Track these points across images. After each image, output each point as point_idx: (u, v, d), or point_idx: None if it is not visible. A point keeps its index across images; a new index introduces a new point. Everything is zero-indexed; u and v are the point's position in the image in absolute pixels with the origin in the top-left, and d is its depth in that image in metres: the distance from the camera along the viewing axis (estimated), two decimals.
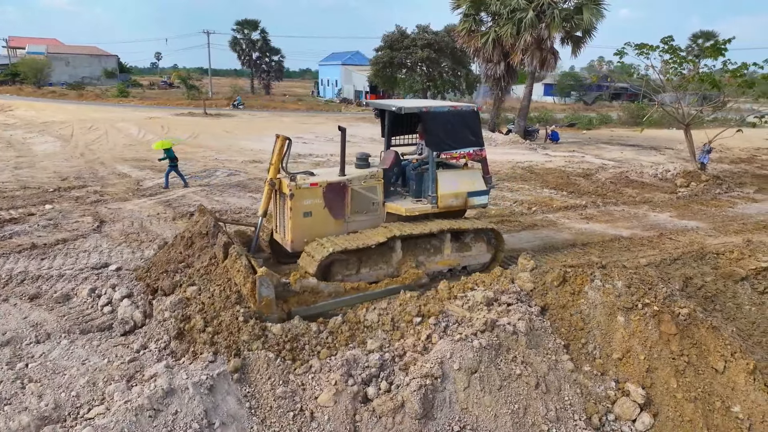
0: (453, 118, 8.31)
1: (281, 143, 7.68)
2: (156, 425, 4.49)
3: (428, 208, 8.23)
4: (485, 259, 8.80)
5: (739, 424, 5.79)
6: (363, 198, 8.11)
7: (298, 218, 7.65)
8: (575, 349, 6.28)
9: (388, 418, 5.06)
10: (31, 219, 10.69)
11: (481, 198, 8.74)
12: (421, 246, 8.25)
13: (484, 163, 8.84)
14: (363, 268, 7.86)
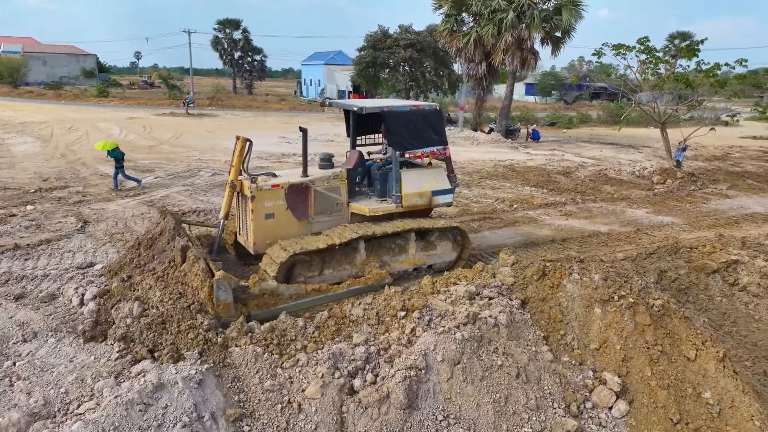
0: (415, 118, 8.26)
1: (242, 145, 7.61)
2: (146, 419, 4.57)
3: (392, 208, 8.18)
4: (451, 257, 8.83)
5: (709, 410, 6.04)
6: (326, 198, 8.04)
7: (260, 220, 7.58)
8: (554, 340, 6.49)
9: (374, 408, 5.20)
10: (12, 220, 10.61)
11: (445, 197, 8.73)
12: (385, 246, 8.21)
13: (448, 161, 8.87)
14: (326, 269, 7.79)
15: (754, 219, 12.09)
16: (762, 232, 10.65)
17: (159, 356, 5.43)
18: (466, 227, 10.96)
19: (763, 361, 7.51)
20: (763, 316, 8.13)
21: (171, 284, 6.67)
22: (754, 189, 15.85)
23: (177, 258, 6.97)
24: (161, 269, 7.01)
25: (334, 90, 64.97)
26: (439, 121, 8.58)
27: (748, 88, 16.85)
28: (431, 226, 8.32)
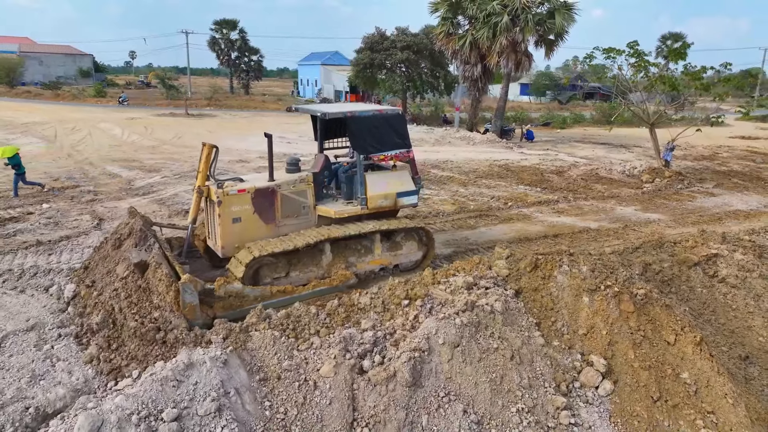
0: (378, 122, 8.38)
1: (208, 151, 7.73)
2: (179, 393, 5.08)
3: (358, 210, 8.32)
4: (417, 257, 9.01)
5: (686, 389, 6.58)
6: (293, 202, 8.15)
7: (228, 224, 7.65)
8: (546, 326, 7.01)
9: (382, 386, 5.71)
10: (30, 218, 11.07)
11: (410, 198, 8.86)
12: (351, 247, 8.34)
13: (412, 164, 9.02)
14: (292, 271, 7.89)
15: (736, 216, 12.68)
16: (742, 228, 11.22)
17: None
18: (466, 222, 11.56)
19: (739, 347, 8.07)
20: (739, 306, 8.68)
21: (133, 293, 6.64)
22: (738, 187, 16.45)
23: (133, 275, 6.80)
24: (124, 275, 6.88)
25: (331, 90, 65.42)
26: (402, 124, 8.74)
27: (732, 91, 17.45)
28: (396, 227, 8.48)
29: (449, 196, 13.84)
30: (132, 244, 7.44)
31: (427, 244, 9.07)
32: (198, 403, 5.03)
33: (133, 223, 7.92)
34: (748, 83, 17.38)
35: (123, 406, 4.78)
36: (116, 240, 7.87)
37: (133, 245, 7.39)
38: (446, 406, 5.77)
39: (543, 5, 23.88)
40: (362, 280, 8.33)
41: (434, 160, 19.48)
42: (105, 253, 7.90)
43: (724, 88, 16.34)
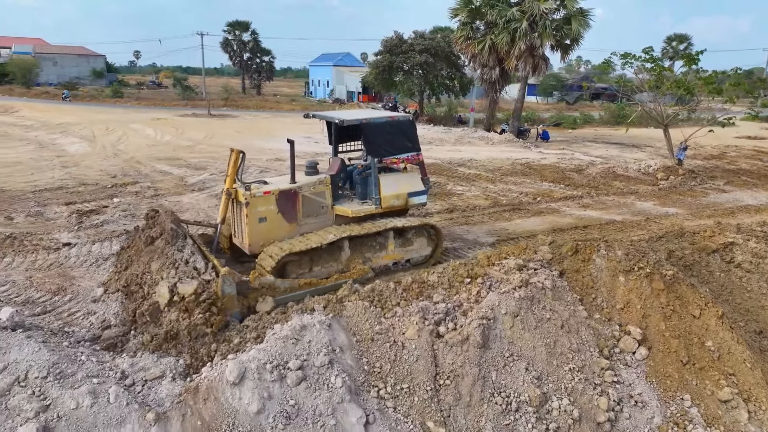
0: (390, 128, 8.93)
1: (236, 156, 8.20)
2: (298, 349, 6.14)
3: (372, 209, 8.83)
4: (426, 252, 9.52)
5: (711, 354, 7.61)
6: (313, 202, 8.62)
7: (254, 224, 8.12)
8: (587, 301, 8.05)
9: (457, 347, 6.76)
10: (107, 210, 12.16)
11: (420, 197, 9.41)
12: (367, 244, 8.81)
13: (421, 166, 9.55)
14: (315, 267, 8.39)
15: (747, 210, 13.68)
16: (754, 221, 12.21)
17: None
18: (501, 215, 12.61)
19: (754, 323, 9.08)
20: (753, 288, 9.69)
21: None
22: (747, 184, 17.42)
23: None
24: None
25: (343, 91, 66.54)
26: (412, 129, 9.29)
27: (742, 94, 18.39)
28: (408, 225, 9.00)
29: (480, 192, 14.89)
30: (164, 242, 7.70)
31: (436, 241, 9.57)
32: (314, 356, 6.10)
33: (164, 222, 8.17)
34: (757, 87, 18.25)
35: (258, 358, 5.86)
36: (148, 238, 8.17)
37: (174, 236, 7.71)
38: (511, 364, 6.82)
39: (559, 11, 24.91)
40: (377, 273, 8.81)
41: (459, 158, 20.53)
42: (137, 249, 8.23)
43: (734, 92, 17.34)
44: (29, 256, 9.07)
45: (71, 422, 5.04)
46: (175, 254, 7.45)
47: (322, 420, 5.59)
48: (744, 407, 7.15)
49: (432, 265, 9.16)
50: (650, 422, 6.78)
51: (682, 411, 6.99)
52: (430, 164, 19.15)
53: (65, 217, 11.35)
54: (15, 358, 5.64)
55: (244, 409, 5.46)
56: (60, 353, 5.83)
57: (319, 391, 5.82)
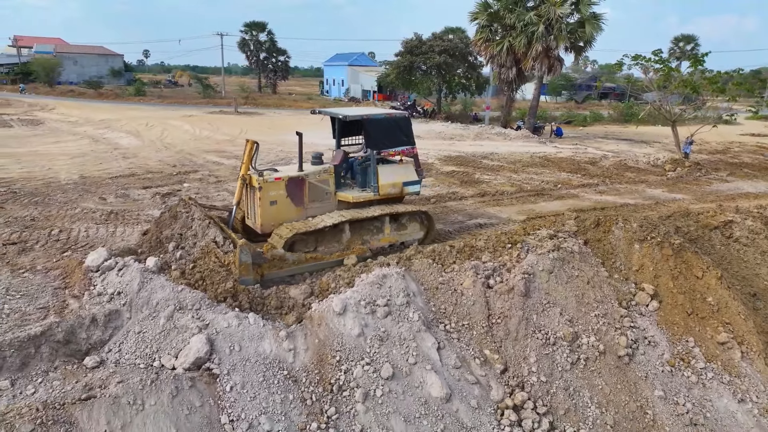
0: (389, 123, 9.65)
1: (251, 146, 8.86)
2: (382, 292, 7.68)
3: (371, 196, 9.56)
4: (419, 235, 10.24)
5: (711, 308, 9.07)
6: (318, 189, 9.32)
7: (266, 206, 8.82)
8: (608, 265, 9.53)
9: (505, 295, 8.28)
10: (181, 193, 13.77)
11: (414, 187, 10.11)
12: (366, 227, 9.54)
13: (415, 158, 10.18)
14: (319, 246, 9.12)
15: (747, 196, 15.07)
16: (752, 204, 13.61)
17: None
18: (527, 198, 14.13)
19: (749, 287, 10.51)
20: (749, 259, 11.12)
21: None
22: (749, 176, 18.77)
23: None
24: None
25: (358, 90, 68.00)
26: (408, 125, 9.94)
27: (744, 93, 19.73)
28: (403, 211, 9.76)
29: (506, 180, 16.38)
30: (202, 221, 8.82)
31: (428, 226, 10.30)
32: (394, 297, 7.64)
33: (193, 210, 9.12)
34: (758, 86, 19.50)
35: (354, 297, 7.42)
36: (170, 218, 9.24)
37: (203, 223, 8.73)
38: (548, 309, 8.34)
39: (573, 15, 26.30)
40: (374, 254, 9.51)
41: (481, 152, 22.01)
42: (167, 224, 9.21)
43: (737, 91, 18.69)
44: (136, 227, 10.68)
45: (226, 336, 6.64)
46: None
47: (406, 344, 7.14)
48: (738, 348, 8.64)
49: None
50: (661, 357, 8.30)
51: (687, 350, 8.50)
52: (456, 157, 20.69)
53: (149, 198, 12.95)
54: (166, 293, 7.27)
55: (348, 332, 7.03)
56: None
57: (401, 322, 7.37)
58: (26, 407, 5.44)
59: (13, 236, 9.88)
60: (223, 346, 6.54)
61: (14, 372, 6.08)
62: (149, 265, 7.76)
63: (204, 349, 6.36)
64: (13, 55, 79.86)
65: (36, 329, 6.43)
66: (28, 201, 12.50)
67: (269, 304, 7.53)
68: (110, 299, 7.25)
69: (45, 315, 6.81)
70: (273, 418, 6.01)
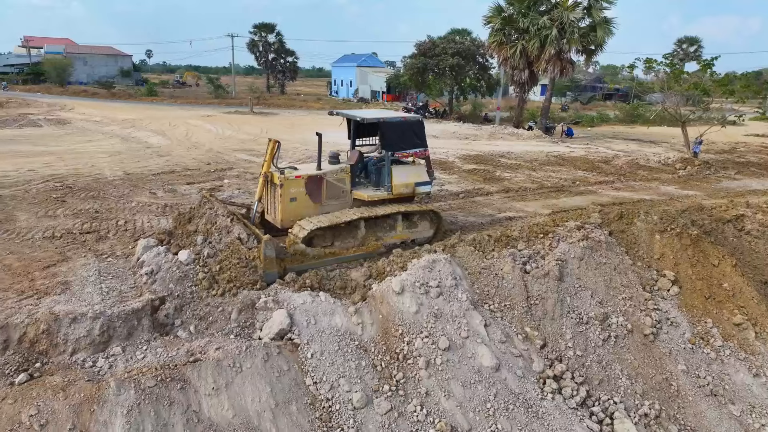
0: (404, 126, 9.95)
1: (273, 145, 9.20)
2: (433, 275, 8.44)
3: (385, 195, 9.87)
4: (429, 233, 10.54)
5: (727, 293, 9.87)
6: (335, 187, 9.63)
7: (286, 203, 9.12)
8: (631, 253, 10.31)
9: (541, 279, 9.08)
10: (223, 188, 14.59)
11: (425, 187, 10.39)
12: (379, 224, 9.88)
13: (427, 160, 10.49)
14: (336, 241, 9.42)
15: (755, 193, 15.80)
16: (761, 200, 14.39)
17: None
18: (549, 194, 14.92)
19: (760, 276, 11.24)
20: (760, 250, 11.88)
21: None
22: (756, 174, 19.50)
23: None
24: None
25: (367, 90, 68.61)
26: (422, 129, 10.26)
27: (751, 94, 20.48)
28: (413, 210, 10.08)
29: (525, 177, 17.17)
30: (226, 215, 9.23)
31: (437, 224, 10.63)
32: (444, 280, 8.43)
33: (216, 207, 9.57)
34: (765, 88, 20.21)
35: (409, 279, 8.23)
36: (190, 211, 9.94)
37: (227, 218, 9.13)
38: (580, 292, 9.13)
39: (584, 19, 27.05)
40: (388, 250, 9.80)
41: (497, 151, 22.79)
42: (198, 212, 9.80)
43: (745, 93, 19.43)
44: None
45: (302, 311, 7.46)
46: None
47: (458, 320, 7.94)
48: (752, 329, 9.44)
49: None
50: (683, 336, 9.10)
51: (706, 330, 9.31)
52: (475, 156, 21.45)
53: (195, 193, 13.75)
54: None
55: (407, 309, 7.84)
56: None
57: (452, 302, 8.17)
58: (147, 367, 6.28)
59: (85, 226, 10.72)
60: (300, 319, 7.36)
61: (122, 340, 6.91)
62: (182, 259, 8.24)
63: (286, 321, 7.18)
64: (23, 56, 79.95)
65: (136, 304, 7.26)
66: (85, 195, 13.33)
67: (334, 284, 8.34)
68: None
69: (140, 293, 7.63)
70: (350, 381, 6.83)
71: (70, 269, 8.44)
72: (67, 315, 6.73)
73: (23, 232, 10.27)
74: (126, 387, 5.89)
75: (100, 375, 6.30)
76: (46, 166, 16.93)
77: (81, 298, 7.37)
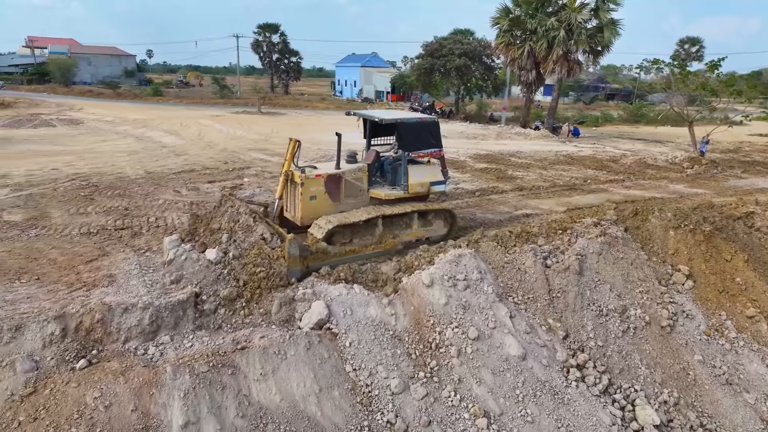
0: (420, 127, 10.21)
1: (293, 144, 9.40)
2: (458, 268, 8.78)
3: (401, 194, 10.08)
4: (443, 232, 10.73)
5: (739, 286, 10.20)
6: (353, 186, 9.82)
7: (306, 201, 9.32)
8: (647, 249, 10.64)
9: (562, 273, 9.41)
10: (244, 186, 14.94)
11: (440, 186, 10.59)
12: (396, 222, 10.10)
13: (442, 160, 10.69)
14: (355, 238, 9.62)
15: (763, 191, 16.12)
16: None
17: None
18: (562, 192, 15.26)
19: None
20: None
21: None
22: (762, 173, 19.81)
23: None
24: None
25: (371, 90, 68.86)
26: (437, 129, 10.49)
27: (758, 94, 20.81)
28: (429, 208, 10.37)
29: (537, 176, 17.50)
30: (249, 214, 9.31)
31: (451, 223, 10.84)
32: (470, 273, 8.76)
33: (238, 205, 9.60)
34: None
35: (437, 272, 8.57)
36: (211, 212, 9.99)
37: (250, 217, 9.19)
38: (599, 286, 9.46)
39: (591, 21, 27.39)
40: (405, 247, 10.04)
41: (507, 150, 23.13)
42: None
43: (752, 93, 19.75)
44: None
45: (338, 302, 7.80)
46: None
47: (485, 312, 8.28)
48: (764, 321, 9.78)
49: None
50: (698, 328, 9.44)
51: (720, 322, 9.64)
52: (485, 155, 21.79)
53: (218, 192, 14.10)
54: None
55: (436, 301, 8.18)
56: None
57: (478, 294, 8.51)
58: (199, 354, 6.63)
59: (118, 223, 11.07)
60: (337, 310, 7.71)
61: (170, 330, 7.26)
62: (210, 257, 8.40)
63: (324, 312, 7.53)
64: (26, 56, 79.92)
65: (181, 296, 7.61)
66: (111, 193, 13.68)
67: (366, 277, 8.68)
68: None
69: (184, 286, 7.97)
70: (388, 368, 7.18)
71: (112, 263, 8.79)
72: (119, 305, 7.08)
73: (60, 229, 10.63)
74: (181, 372, 6.24)
75: (152, 361, 6.65)
76: (68, 165, 17.28)
77: (128, 290, 7.71)
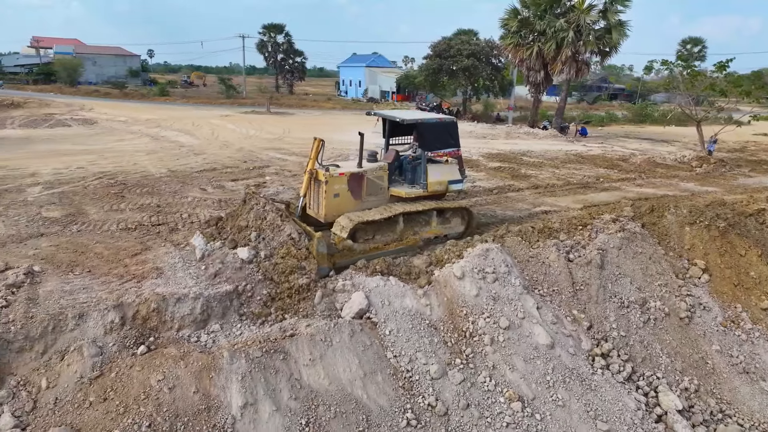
0: (439, 127, 10.46)
1: (317, 144, 9.66)
2: (487, 262, 9.17)
3: (420, 192, 10.33)
4: (461, 229, 10.96)
5: (754, 280, 10.55)
6: (374, 184, 10.06)
7: (330, 198, 9.52)
8: (664, 244, 11.02)
9: (584, 267, 9.78)
10: (267, 184, 15.32)
11: (458, 185, 10.82)
12: (415, 220, 10.34)
13: (459, 160, 10.89)
14: (377, 235, 9.89)
15: None
16: None
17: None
18: (576, 190, 15.63)
19: None
20: None
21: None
22: None
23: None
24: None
25: (376, 90, 69.09)
26: (455, 130, 10.70)
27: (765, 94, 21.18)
28: (447, 206, 10.64)
29: (550, 174, 17.87)
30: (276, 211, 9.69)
31: (468, 221, 11.08)
32: (498, 266, 9.14)
33: (263, 203, 9.97)
34: None
35: (467, 265, 8.95)
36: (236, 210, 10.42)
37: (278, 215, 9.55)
38: (620, 279, 9.84)
39: (599, 22, 27.75)
40: (425, 244, 10.39)
41: (518, 150, 23.50)
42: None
43: (760, 93, 20.11)
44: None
45: (376, 293, 8.19)
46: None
47: (513, 303, 8.65)
48: None
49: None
50: (715, 319, 9.81)
51: (736, 314, 10.01)
52: (497, 154, 22.16)
53: (243, 190, 14.50)
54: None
55: (468, 293, 8.56)
56: None
57: (507, 286, 8.89)
58: (251, 340, 7.03)
59: (153, 219, 11.46)
60: (376, 301, 8.10)
61: (219, 319, 7.66)
62: (243, 256, 8.71)
63: (364, 302, 7.92)
64: (31, 56, 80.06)
65: (228, 287, 8.01)
66: (140, 191, 14.07)
67: (400, 270, 9.07)
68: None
69: (230, 278, 8.36)
70: (426, 355, 7.57)
71: (156, 257, 9.18)
72: (172, 296, 7.47)
73: (99, 224, 11.02)
74: (237, 357, 6.63)
75: (207, 348, 7.04)
76: (92, 164, 17.67)
77: (176, 282, 8.10)
